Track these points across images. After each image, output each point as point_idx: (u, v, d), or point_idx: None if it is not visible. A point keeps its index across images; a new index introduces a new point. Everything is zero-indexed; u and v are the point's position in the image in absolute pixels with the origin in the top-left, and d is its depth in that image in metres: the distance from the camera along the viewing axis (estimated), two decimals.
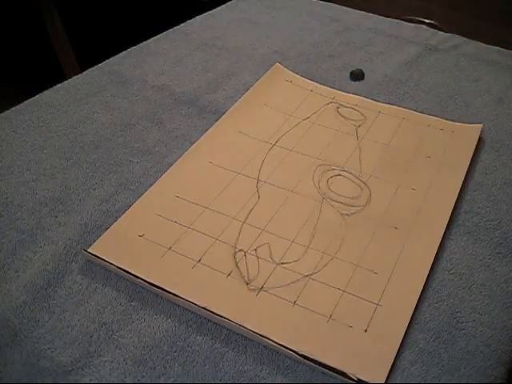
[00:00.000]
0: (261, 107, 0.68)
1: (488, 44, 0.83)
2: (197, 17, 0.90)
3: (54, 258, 0.48)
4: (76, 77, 0.73)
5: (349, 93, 0.71)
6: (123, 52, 0.79)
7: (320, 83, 0.72)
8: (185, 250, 0.49)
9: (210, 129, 0.63)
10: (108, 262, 0.47)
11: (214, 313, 0.43)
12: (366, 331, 0.42)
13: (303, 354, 0.40)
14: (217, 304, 0.44)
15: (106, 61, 0.77)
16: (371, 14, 0.92)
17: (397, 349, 0.41)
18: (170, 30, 0.86)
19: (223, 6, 0.94)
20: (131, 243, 0.49)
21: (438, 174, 0.57)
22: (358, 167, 0.58)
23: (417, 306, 0.44)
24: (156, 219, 0.52)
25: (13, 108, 0.67)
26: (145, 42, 0.82)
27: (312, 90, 0.71)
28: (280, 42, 0.83)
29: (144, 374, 0.40)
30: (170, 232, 0.50)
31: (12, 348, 0.41)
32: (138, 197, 0.54)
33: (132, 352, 0.41)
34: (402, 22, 0.90)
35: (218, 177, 0.57)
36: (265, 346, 0.42)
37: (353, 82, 0.74)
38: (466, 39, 0.84)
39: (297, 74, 0.74)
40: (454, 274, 0.48)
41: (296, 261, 0.48)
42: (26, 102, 0.68)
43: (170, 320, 0.44)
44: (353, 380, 0.39)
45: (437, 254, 0.49)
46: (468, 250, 0.50)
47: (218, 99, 0.70)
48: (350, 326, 0.43)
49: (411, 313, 0.44)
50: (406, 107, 0.68)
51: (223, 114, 0.66)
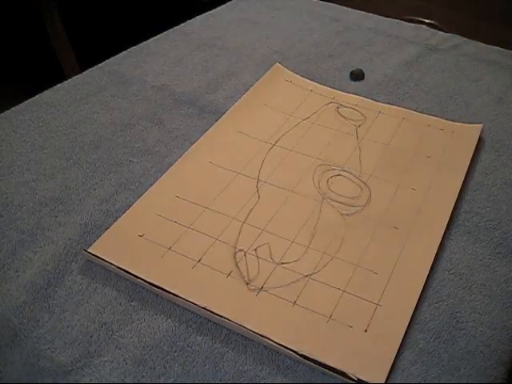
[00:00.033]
0: (261, 107, 0.68)
1: (488, 44, 0.83)
2: (197, 17, 0.90)
3: (54, 258, 0.48)
4: (76, 77, 0.73)
5: (349, 93, 0.71)
6: (123, 52, 0.79)
7: (320, 83, 0.72)
8: (185, 250, 0.49)
9: (210, 129, 0.63)
10: (108, 262, 0.47)
11: (214, 313, 0.43)
12: (366, 331, 0.42)
13: (303, 353, 0.40)
14: (217, 304, 0.44)
15: (106, 61, 0.77)
16: (371, 14, 0.92)
17: (397, 349, 0.41)
18: (170, 30, 0.86)
19: (223, 6, 0.94)
20: (131, 243, 0.49)
21: (438, 174, 0.57)
22: (358, 167, 0.58)
23: (417, 306, 0.44)
24: (156, 219, 0.52)
25: (13, 108, 0.67)
26: (145, 42, 0.82)
27: (312, 90, 0.71)
28: (280, 42, 0.83)
29: (144, 373, 0.40)
30: (170, 232, 0.50)
31: (12, 348, 0.41)
32: (138, 197, 0.54)
33: (132, 352, 0.41)
34: (402, 22, 0.90)
35: (218, 177, 0.57)
36: (265, 346, 0.42)
37: (353, 82, 0.74)
38: (466, 39, 0.84)
39: (297, 73, 0.74)
40: (454, 274, 0.48)
41: (296, 261, 0.48)
42: (26, 101, 0.68)
43: (170, 320, 0.44)
44: (353, 380, 0.39)
45: (437, 254, 0.49)
46: (468, 250, 0.50)
47: (218, 99, 0.70)
48: (350, 326, 0.43)
49: (411, 313, 0.44)
50: (406, 107, 0.68)
51: (223, 113, 0.66)
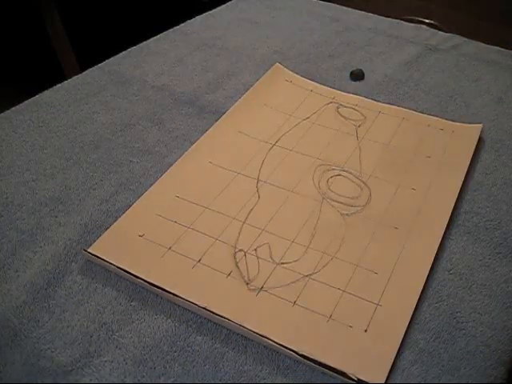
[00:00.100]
0: (261, 107, 0.68)
1: (488, 44, 0.83)
2: (197, 17, 0.90)
3: (54, 258, 0.48)
4: (76, 77, 0.73)
5: (349, 93, 0.71)
6: (123, 52, 0.79)
7: (320, 83, 0.72)
8: (185, 250, 0.49)
9: (210, 129, 0.63)
10: (108, 262, 0.47)
11: (214, 313, 0.43)
12: (366, 331, 0.42)
13: (303, 353, 0.40)
14: (217, 304, 0.44)
15: (106, 61, 0.77)
16: (371, 14, 0.92)
17: (397, 349, 0.41)
18: (170, 30, 0.86)
19: (223, 6, 0.94)
20: (131, 243, 0.49)
21: (438, 174, 0.57)
22: (358, 167, 0.58)
23: (417, 306, 0.44)
24: (156, 219, 0.52)
25: (13, 108, 0.67)
26: (145, 42, 0.82)
27: (312, 90, 0.71)
28: (280, 42, 0.83)
29: (144, 373, 0.40)
30: (170, 232, 0.50)
31: (12, 348, 0.41)
32: (138, 197, 0.54)
33: (132, 352, 0.41)
34: (402, 22, 0.90)
35: (218, 177, 0.57)
36: (265, 346, 0.42)
37: (353, 82, 0.74)
38: (466, 39, 0.84)
39: (297, 74, 0.74)
40: (454, 274, 0.48)
41: (296, 261, 0.48)
42: (26, 101, 0.68)
43: (170, 320, 0.44)
44: (353, 380, 0.39)
45: (437, 254, 0.49)
46: (468, 250, 0.50)
47: (218, 99, 0.70)
48: (350, 326, 0.43)
49: (411, 313, 0.44)
50: (406, 107, 0.68)
51: (223, 114, 0.66)
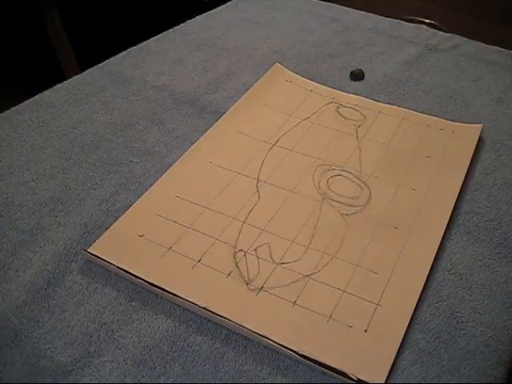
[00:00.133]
0: (261, 107, 0.68)
1: (488, 44, 0.83)
2: (197, 17, 0.90)
3: (54, 258, 0.48)
4: (76, 77, 0.73)
5: (349, 93, 0.70)
6: (123, 52, 0.79)
7: (320, 83, 0.72)
8: (185, 250, 0.49)
9: (210, 129, 0.63)
10: (108, 262, 0.47)
11: (214, 313, 0.43)
12: (366, 331, 0.42)
13: (303, 353, 0.40)
14: (217, 304, 0.44)
15: (106, 61, 0.77)
16: (371, 14, 0.92)
17: (397, 349, 0.41)
18: (170, 30, 0.86)
19: (223, 6, 0.94)
20: (131, 243, 0.49)
21: (438, 174, 0.57)
22: (358, 167, 0.58)
23: (417, 306, 0.44)
24: (156, 219, 0.52)
25: (13, 108, 0.67)
26: (145, 42, 0.82)
27: (312, 90, 0.71)
28: (280, 42, 0.83)
29: (144, 374, 0.40)
30: (170, 232, 0.50)
31: (12, 348, 0.41)
32: (138, 197, 0.54)
33: (132, 352, 0.41)
34: (402, 22, 0.90)
35: (218, 177, 0.57)
36: (265, 346, 0.42)
37: (353, 82, 0.74)
38: (466, 39, 0.84)
39: (297, 74, 0.74)
40: (454, 274, 0.48)
41: (296, 261, 0.48)
42: (26, 101, 0.68)
43: (170, 320, 0.44)
44: (353, 380, 0.39)
45: (437, 254, 0.49)
46: (468, 250, 0.50)
47: (218, 99, 0.70)
48: (350, 326, 0.43)
49: (411, 313, 0.44)
50: (406, 107, 0.68)
51: (223, 114, 0.66)
